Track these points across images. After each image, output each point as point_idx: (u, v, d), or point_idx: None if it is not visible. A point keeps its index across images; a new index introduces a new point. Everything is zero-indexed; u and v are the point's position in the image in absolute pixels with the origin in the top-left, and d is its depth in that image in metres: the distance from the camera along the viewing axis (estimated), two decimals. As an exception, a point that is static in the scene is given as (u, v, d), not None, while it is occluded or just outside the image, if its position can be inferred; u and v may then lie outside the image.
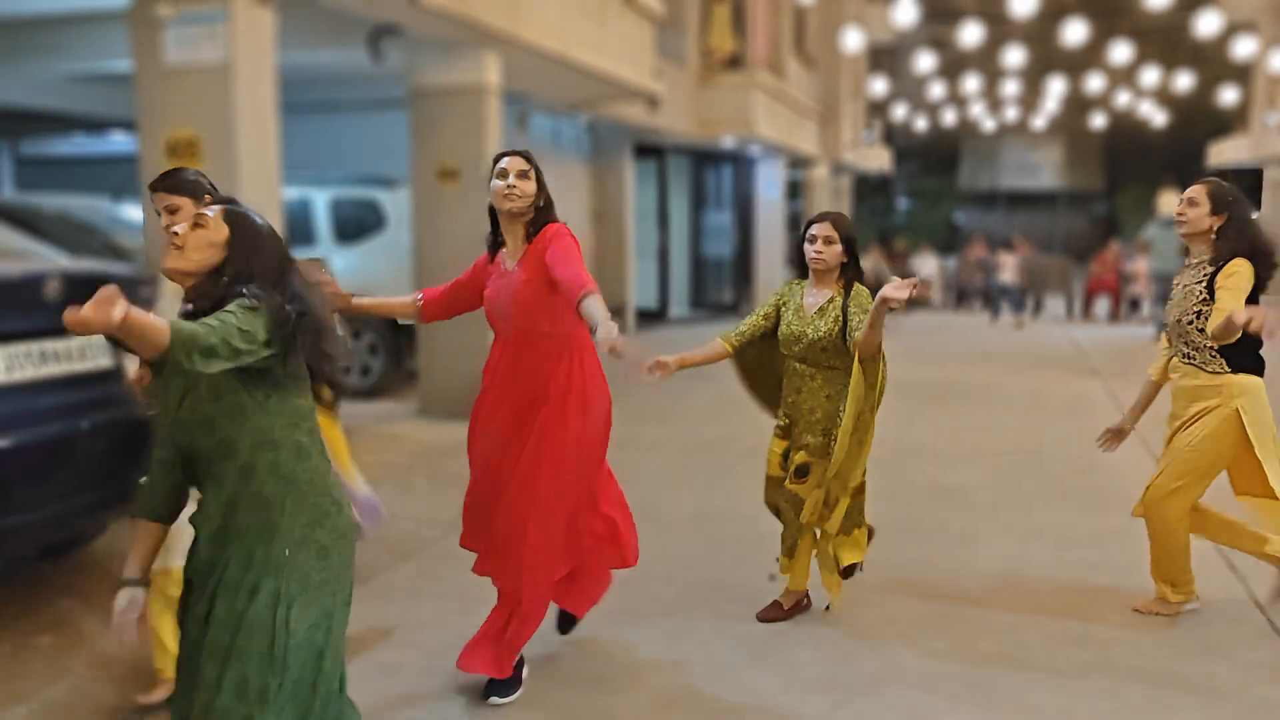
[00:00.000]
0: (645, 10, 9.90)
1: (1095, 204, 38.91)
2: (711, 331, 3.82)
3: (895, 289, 3.28)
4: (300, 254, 8.17)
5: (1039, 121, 27.89)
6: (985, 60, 20.16)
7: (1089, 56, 19.09)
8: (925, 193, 39.55)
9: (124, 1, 4.40)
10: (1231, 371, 3.50)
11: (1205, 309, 3.49)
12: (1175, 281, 3.72)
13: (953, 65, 21.57)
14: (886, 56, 25.83)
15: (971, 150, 39.36)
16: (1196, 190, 3.61)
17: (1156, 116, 26.13)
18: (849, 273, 3.76)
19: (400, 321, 8.15)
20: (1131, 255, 16.16)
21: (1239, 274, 3.42)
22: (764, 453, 4.07)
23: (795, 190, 22.51)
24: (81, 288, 3.49)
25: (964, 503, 5.63)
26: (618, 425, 3.45)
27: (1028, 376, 10.33)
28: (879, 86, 21.36)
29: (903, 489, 5.90)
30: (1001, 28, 17.39)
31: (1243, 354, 3.48)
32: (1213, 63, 21.46)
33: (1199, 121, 28.32)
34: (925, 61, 18.28)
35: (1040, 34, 18.34)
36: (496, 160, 3.21)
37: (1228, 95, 22.24)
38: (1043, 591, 4.23)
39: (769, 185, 18.75)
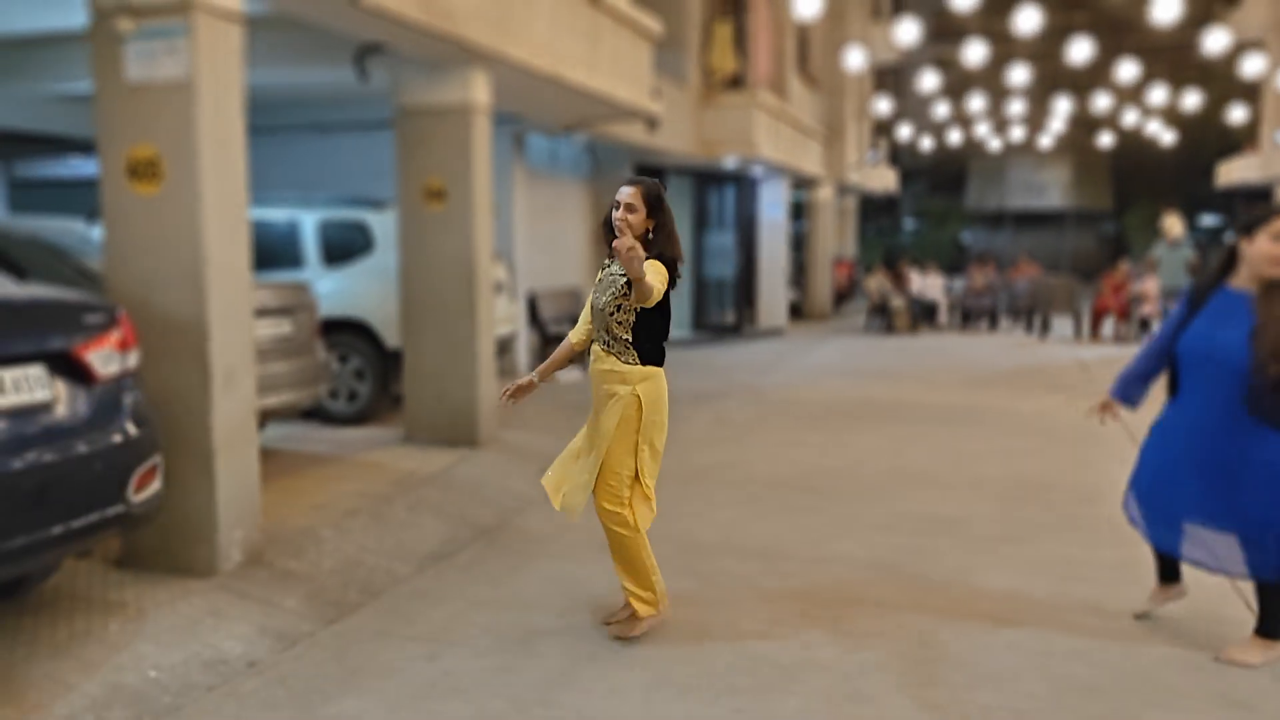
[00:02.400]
0: (641, 29, 9.74)
1: (1103, 223, 38.69)
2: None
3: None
4: (287, 277, 7.95)
5: (1045, 141, 27.71)
6: (990, 79, 20.00)
7: (1095, 75, 18.91)
8: (932, 213, 39.39)
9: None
10: (640, 363, 3.75)
11: (624, 302, 3.69)
12: (605, 265, 3.85)
13: (958, 84, 21.41)
14: (891, 76, 25.72)
15: (978, 170, 39.22)
16: (634, 196, 3.71)
17: (1164, 135, 25.92)
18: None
19: (389, 348, 7.98)
20: (1140, 275, 15.92)
21: (656, 266, 3.64)
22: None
23: (800, 211, 22.34)
24: (19, 316, 3.31)
25: (962, 534, 5.39)
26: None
27: (1033, 399, 10.08)
28: (883, 106, 21.20)
29: (898, 520, 5.66)
30: (1006, 46, 17.23)
31: (648, 349, 3.77)
32: (1221, 81, 21.27)
33: (1207, 140, 28.11)
34: (930, 81, 18.11)
35: (1045, 53, 18.17)
36: None
37: (1236, 114, 22.02)
38: (1045, 628, 3.99)
39: (772, 206, 18.57)
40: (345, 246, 8.27)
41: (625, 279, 3.68)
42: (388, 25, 5.83)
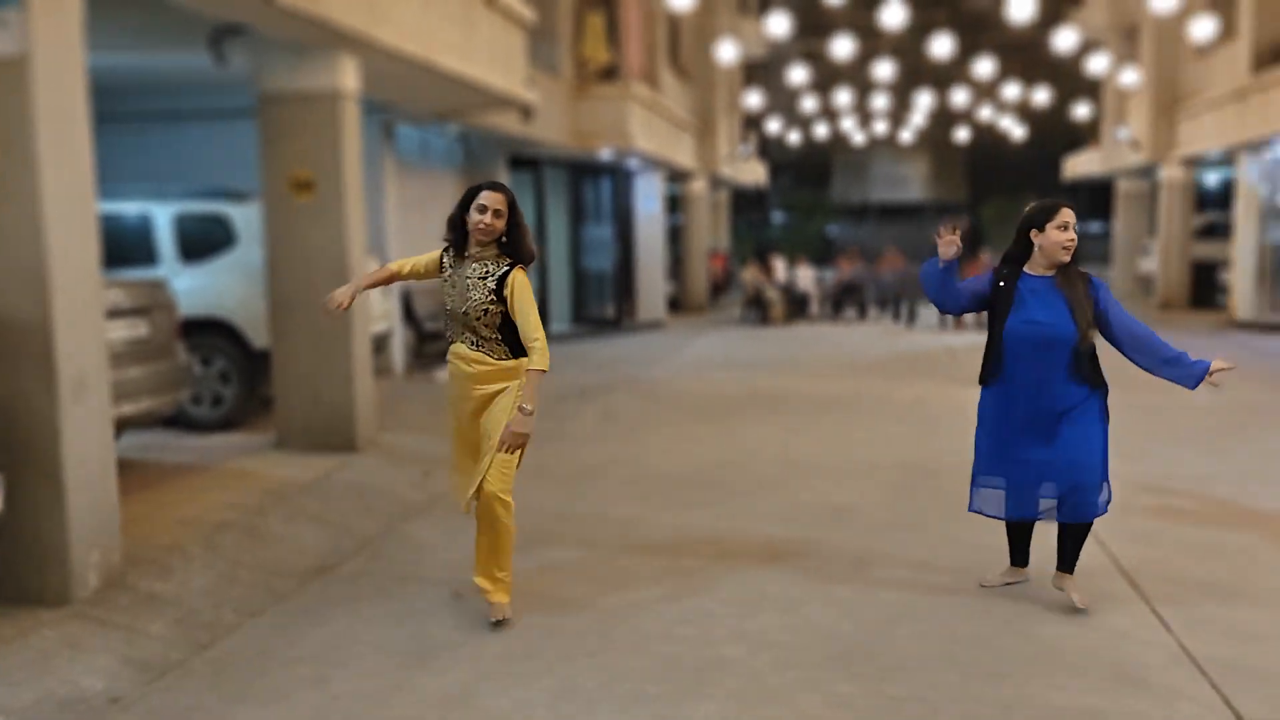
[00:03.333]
0: (515, 15, 9.49)
1: (960, 216, 40.32)
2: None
3: None
4: (140, 275, 7.37)
5: (906, 135, 28.65)
6: (856, 74, 20.49)
7: (954, 71, 19.60)
8: (799, 206, 40.25)
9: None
10: (514, 357, 3.93)
11: (492, 308, 3.87)
12: (462, 274, 3.94)
13: (825, 79, 21.86)
14: (760, 70, 26.09)
15: (843, 164, 40.31)
16: (502, 202, 3.90)
17: (1016, 130, 27.16)
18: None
19: (256, 348, 7.52)
20: (1000, 264, 16.56)
21: (522, 287, 3.87)
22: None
23: (674, 204, 22.41)
24: None
25: (857, 523, 5.41)
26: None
27: (910, 386, 10.33)
28: (754, 100, 21.46)
29: (795, 509, 5.65)
30: (872, 42, 17.65)
31: (515, 340, 3.92)
32: (1068, 78, 22.37)
33: (1055, 136, 29.60)
34: (798, 74, 18.41)
35: (909, 48, 18.71)
36: None
37: (1081, 110, 23.22)
38: (946, 615, 4.01)
39: (648, 199, 18.56)
40: (205, 241, 7.76)
41: (494, 286, 3.87)
42: (247, 3, 5.45)
